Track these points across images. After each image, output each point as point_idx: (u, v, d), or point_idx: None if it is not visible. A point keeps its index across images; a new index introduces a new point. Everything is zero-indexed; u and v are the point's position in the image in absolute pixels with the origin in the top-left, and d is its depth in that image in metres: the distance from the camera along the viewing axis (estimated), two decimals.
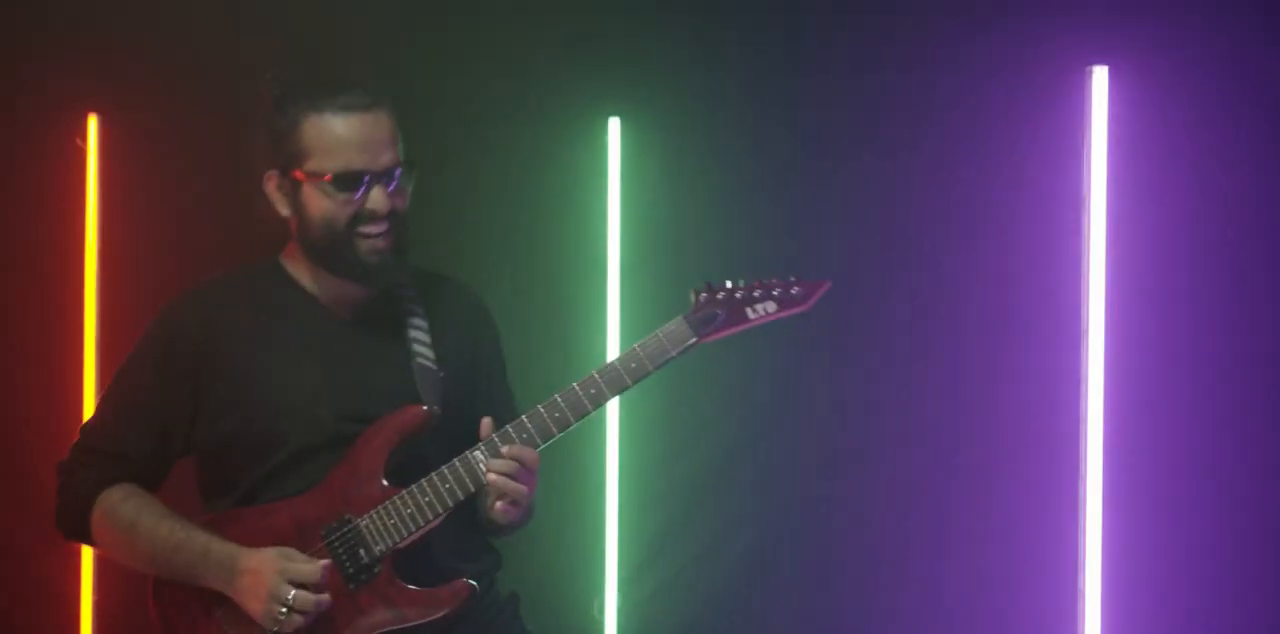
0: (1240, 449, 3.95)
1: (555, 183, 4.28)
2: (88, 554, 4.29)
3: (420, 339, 2.82)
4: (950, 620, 4.10)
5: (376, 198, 2.73)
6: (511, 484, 2.66)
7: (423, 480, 2.69)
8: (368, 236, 2.74)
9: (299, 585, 2.62)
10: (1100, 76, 3.99)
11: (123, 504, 2.76)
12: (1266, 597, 3.94)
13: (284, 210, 2.80)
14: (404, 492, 2.69)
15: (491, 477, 2.66)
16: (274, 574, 2.62)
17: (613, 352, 4.20)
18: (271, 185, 2.79)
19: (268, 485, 2.74)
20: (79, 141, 4.34)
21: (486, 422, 2.71)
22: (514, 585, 2.99)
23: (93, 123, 4.34)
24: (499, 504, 2.69)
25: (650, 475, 4.24)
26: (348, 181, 2.72)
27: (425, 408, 2.73)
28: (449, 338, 2.87)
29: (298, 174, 2.74)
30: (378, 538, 2.67)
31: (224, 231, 4.29)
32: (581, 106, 4.27)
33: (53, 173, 4.34)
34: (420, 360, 2.80)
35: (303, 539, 2.69)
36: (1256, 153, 3.95)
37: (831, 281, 2.78)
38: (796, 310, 2.76)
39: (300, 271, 2.84)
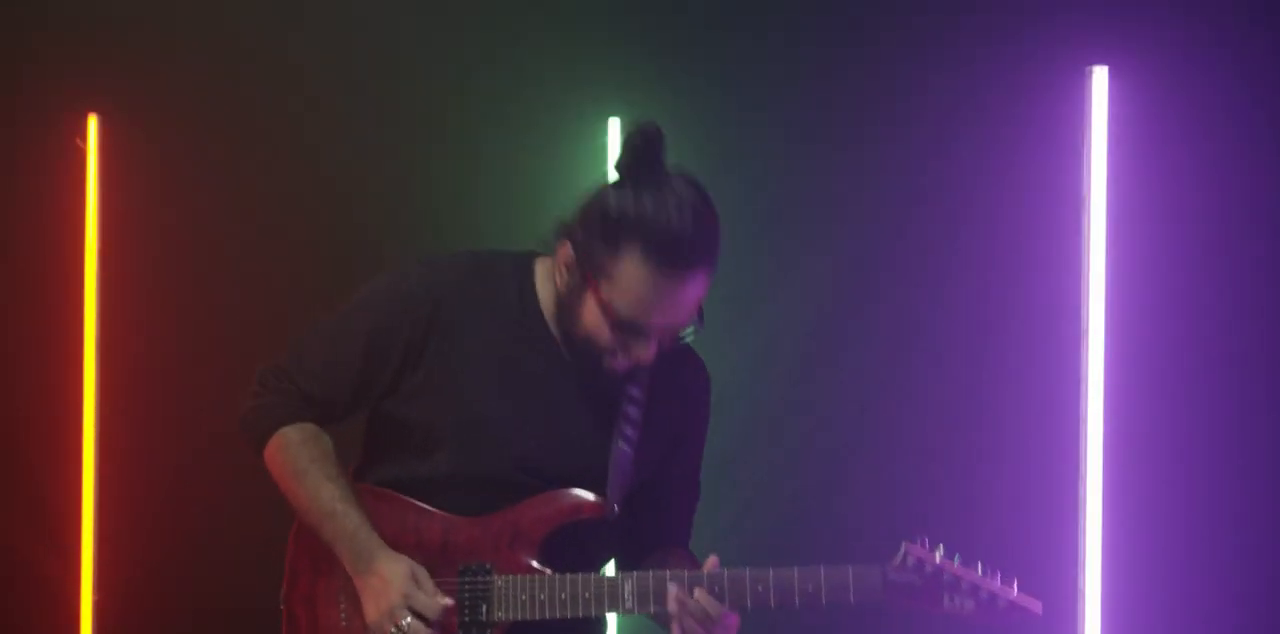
0: (1240, 449, 3.95)
1: (555, 183, 4.27)
2: (87, 554, 4.29)
3: (631, 415, 2.71)
4: (950, 620, 4.09)
5: (648, 350, 2.60)
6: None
7: (567, 576, 2.64)
8: (618, 361, 2.63)
9: (417, 614, 2.60)
10: (1100, 76, 3.99)
11: (299, 448, 2.70)
12: (1267, 597, 3.94)
13: (560, 283, 2.63)
14: (547, 577, 2.64)
15: (676, 630, 2.60)
16: (399, 594, 2.60)
17: None
18: (562, 256, 2.62)
19: (421, 487, 2.69)
20: (79, 141, 4.34)
21: (713, 560, 2.64)
22: None
23: (93, 123, 4.34)
24: None
25: None
26: (632, 330, 2.58)
27: (604, 505, 2.67)
28: (662, 414, 2.74)
29: (591, 280, 2.58)
30: (503, 604, 2.64)
31: (224, 231, 4.31)
32: (581, 106, 4.27)
33: (53, 173, 4.34)
34: (621, 445, 2.69)
35: (444, 559, 2.66)
36: (1257, 152, 3.95)
37: (1041, 606, 2.62)
38: (990, 621, 2.63)
39: (546, 289, 2.69)
